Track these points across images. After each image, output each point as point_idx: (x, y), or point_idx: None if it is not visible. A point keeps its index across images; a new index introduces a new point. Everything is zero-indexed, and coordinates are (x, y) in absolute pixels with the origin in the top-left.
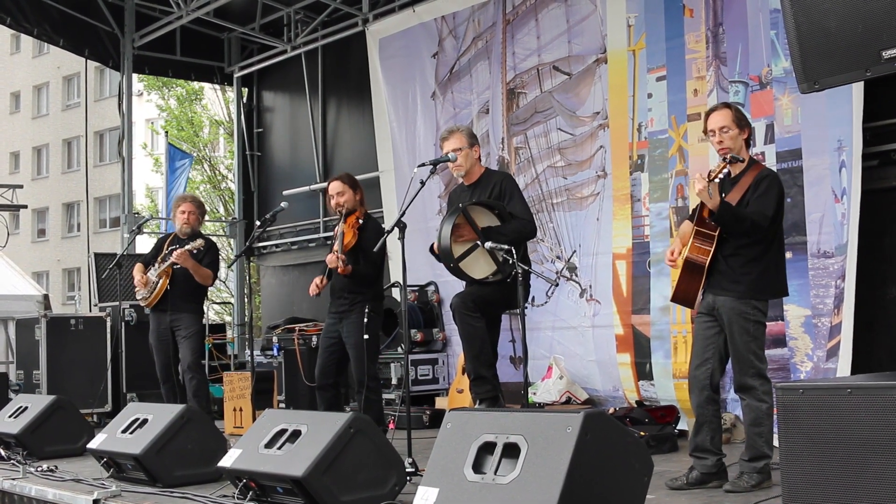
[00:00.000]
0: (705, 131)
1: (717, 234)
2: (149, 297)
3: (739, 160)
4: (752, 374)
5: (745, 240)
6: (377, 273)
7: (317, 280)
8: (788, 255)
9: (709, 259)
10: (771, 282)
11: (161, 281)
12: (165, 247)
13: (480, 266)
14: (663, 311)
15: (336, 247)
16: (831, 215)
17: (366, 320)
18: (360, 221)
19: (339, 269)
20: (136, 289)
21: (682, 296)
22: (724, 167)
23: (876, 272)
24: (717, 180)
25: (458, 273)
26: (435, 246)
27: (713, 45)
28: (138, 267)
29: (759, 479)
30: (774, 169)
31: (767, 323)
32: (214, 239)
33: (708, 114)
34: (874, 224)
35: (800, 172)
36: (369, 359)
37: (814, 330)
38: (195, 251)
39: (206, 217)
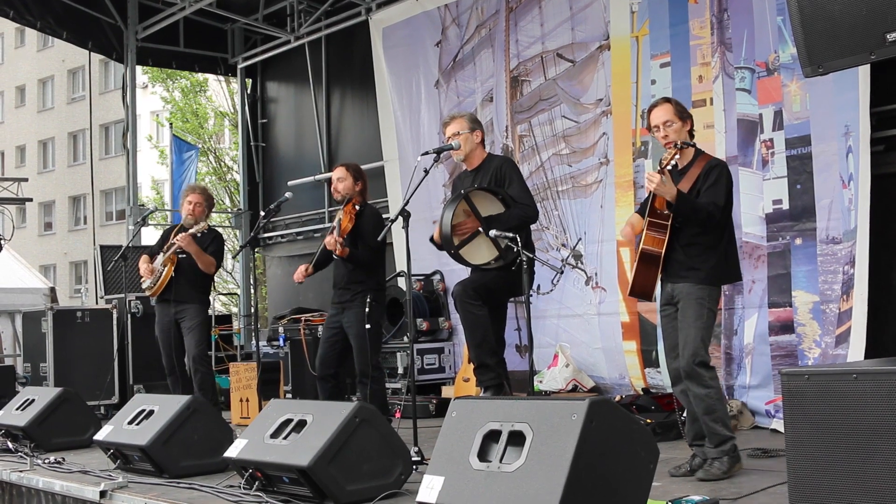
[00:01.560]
0: (649, 127)
1: (669, 223)
2: (154, 286)
3: (692, 144)
4: (699, 362)
5: (698, 229)
6: (375, 259)
7: (301, 268)
8: (798, 241)
9: (664, 249)
10: (726, 269)
11: (166, 269)
12: (172, 237)
13: (482, 252)
14: None
15: (335, 232)
16: (839, 201)
17: (368, 310)
18: (357, 208)
19: (337, 252)
20: (142, 279)
21: (640, 289)
22: (676, 153)
23: (881, 258)
24: (668, 168)
25: (459, 259)
26: (436, 234)
27: (718, 31)
28: (144, 258)
29: (731, 462)
30: (784, 156)
31: (775, 309)
32: (220, 230)
33: (650, 109)
34: (880, 209)
35: (809, 159)
36: (372, 349)
37: (822, 316)
38: (199, 234)
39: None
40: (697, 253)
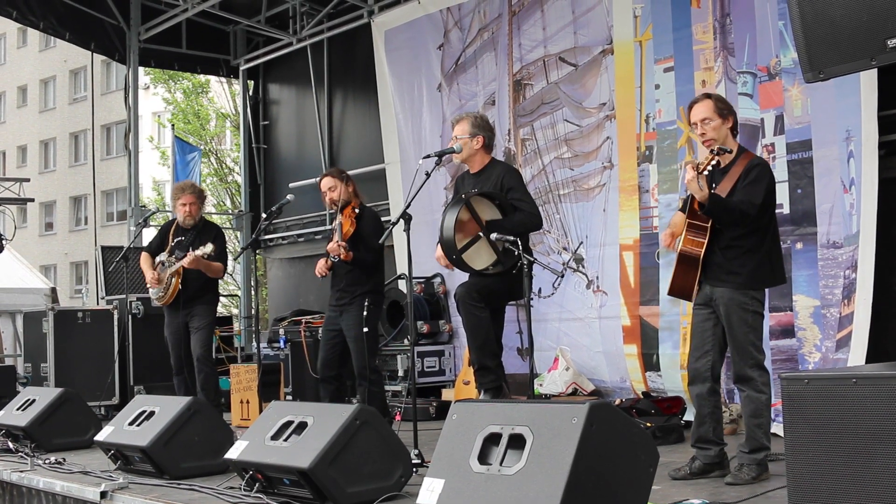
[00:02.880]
0: (689, 123)
1: (710, 225)
2: (164, 297)
3: (727, 151)
4: (752, 364)
5: (737, 230)
6: (376, 260)
7: (323, 260)
8: (798, 245)
9: (703, 251)
10: (768, 271)
11: (174, 281)
12: (170, 237)
13: (482, 257)
14: (673, 301)
15: (336, 236)
16: (840, 205)
17: (365, 313)
18: (357, 211)
19: (341, 256)
20: (149, 285)
21: (678, 289)
22: (713, 159)
23: (884, 262)
24: (706, 172)
25: (461, 264)
26: (437, 250)
27: (720, 35)
28: (145, 258)
29: (759, 471)
30: (785, 160)
31: (776, 314)
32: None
33: (690, 106)
34: (882, 214)
35: (810, 163)
36: (369, 351)
37: (822, 320)
38: (206, 257)
39: (214, 210)
40: (736, 256)
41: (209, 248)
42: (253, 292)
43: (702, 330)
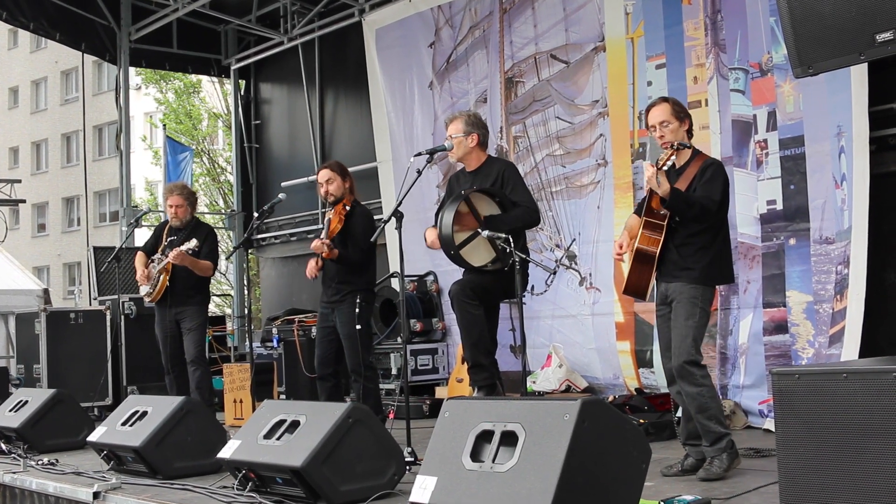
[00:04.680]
0: (647, 127)
1: (665, 223)
2: (152, 293)
3: (687, 146)
4: (690, 361)
5: (695, 227)
6: (365, 259)
7: (312, 262)
8: (791, 241)
9: (659, 248)
10: (720, 269)
11: (161, 277)
12: (164, 236)
13: (480, 254)
14: None
15: (322, 233)
16: (832, 201)
17: (357, 311)
18: (347, 209)
19: (324, 254)
20: (139, 282)
21: (633, 288)
22: (673, 154)
23: (875, 257)
24: (664, 168)
25: (458, 260)
26: (429, 236)
27: (712, 32)
28: (140, 257)
29: (729, 460)
30: (778, 157)
31: (769, 310)
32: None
33: (647, 109)
34: (873, 209)
35: (802, 159)
36: (363, 348)
37: (815, 316)
38: (190, 252)
39: (206, 209)
40: (691, 253)
41: (193, 242)
42: (246, 292)
43: (666, 329)
